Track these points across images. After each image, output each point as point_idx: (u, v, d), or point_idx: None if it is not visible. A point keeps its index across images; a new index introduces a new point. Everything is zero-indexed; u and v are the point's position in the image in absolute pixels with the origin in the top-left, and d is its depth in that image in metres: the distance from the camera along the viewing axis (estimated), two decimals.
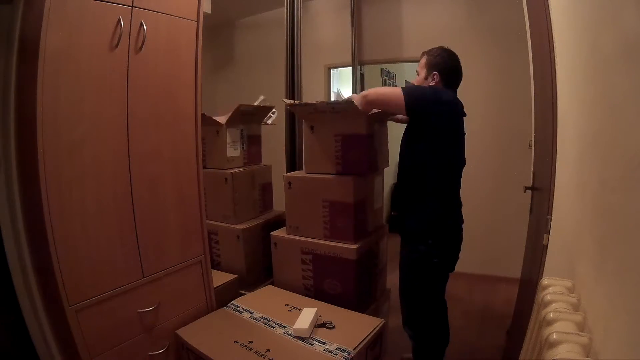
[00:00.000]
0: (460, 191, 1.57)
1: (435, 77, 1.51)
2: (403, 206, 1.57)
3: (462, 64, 1.55)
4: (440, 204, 1.47)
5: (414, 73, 1.67)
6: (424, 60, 1.57)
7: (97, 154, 1.18)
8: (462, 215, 1.56)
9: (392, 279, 2.27)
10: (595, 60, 0.84)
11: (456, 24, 2.88)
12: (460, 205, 1.55)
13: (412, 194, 1.52)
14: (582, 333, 0.72)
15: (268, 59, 3.41)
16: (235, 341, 1.32)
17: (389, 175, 4.56)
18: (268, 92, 2.49)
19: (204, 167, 1.66)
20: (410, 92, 1.42)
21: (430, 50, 1.58)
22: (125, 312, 1.27)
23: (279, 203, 2.01)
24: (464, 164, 1.56)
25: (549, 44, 1.24)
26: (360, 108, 1.49)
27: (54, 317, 1.20)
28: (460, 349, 2.04)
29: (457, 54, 1.58)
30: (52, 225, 1.07)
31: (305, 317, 1.39)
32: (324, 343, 1.28)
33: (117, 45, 1.19)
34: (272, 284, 1.88)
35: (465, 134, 1.54)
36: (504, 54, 2.71)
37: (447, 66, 1.52)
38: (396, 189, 1.62)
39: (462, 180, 1.59)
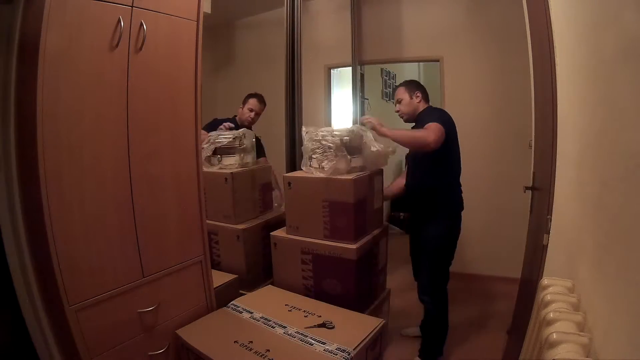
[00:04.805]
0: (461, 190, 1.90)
1: (418, 97, 1.91)
2: (431, 194, 1.85)
3: (462, 64, 1.61)
4: (459, 190, 1.90)
5: (413, 73, 1.72)
6: (401, 89, 1.94)
7: (97, 154, 1.18)
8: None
9: (392, 278, 2.27)
10: (596, 60, 0.84)
11: (456, 24, 2.88)
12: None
13: (439, 185, 1.84)
14: (582, 333, 0.72)
15: (268, 59, 3.41)
16: (235, 341, 1.32)
17: (389, 175, 4.57)
18: (268, 92, 2.49)
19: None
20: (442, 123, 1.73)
21: (402, 83, 1.99)
22: (125, 312, 1.27)
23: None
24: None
25: (549, 44, 1.24)
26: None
27: (54, 317, 1.20)
28: (461, 348, 2.04)
29: (457, 53, 1.64)
30: (52, 225, 1.07)
31: None
32: (324, 343, 1.28)
33: (117, 45, 1.19)
34: (272, 284, 1.88)
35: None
36: (504, 53, 2.70)
37: (421, 86, 1.95)
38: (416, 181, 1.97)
39: (462, 180, 1.89)
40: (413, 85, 1.92)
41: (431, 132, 1.64)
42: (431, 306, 1.87)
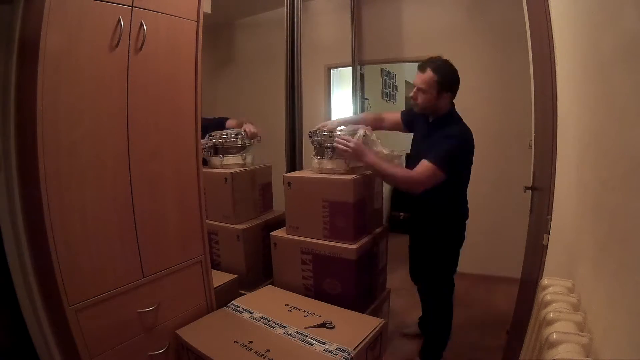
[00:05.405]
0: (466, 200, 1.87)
1: (446, 98, 1.65)
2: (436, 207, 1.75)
3: (462, 64, 1.60)
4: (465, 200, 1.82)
5: (413, 73, 1.69)
6: (431, 76, 1.60)
7: (97, 154, 1.18)
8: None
9: (392, 278, 2.27)
10: (596, 60, 0.84)
11: (456, 24, 2.88)
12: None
13: (445, 199, 1.71)
14: (582, 333, 0.72)
15: (268, 59, 3.41)
16: (235, 341, 1.32)
17: None
18: (268, 93, 2.49)
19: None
20: (446, 162, 1.55)
21: (435, 64, 1.61)
22: (125, 312, 1.27)
23: (279, 203, 2.01)
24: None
25: (549, 44, 1.24)
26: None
27: (54, 317, 1.20)
28: (461, 348, 2.04)
29: (457, 53, 1.60)
30: (52, 225, 1.07)
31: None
32: (324, 343, 1.28)
33: (117, 46, 1.19)
34: (272, 284, 1.88)
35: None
36: (504, 54, 2.70)
37: (456, 84, 1.65)
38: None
39: None
40: (448, 83, 1.61)
41: (424, 178, 1.53)
42: (432, 307, 1.86)
